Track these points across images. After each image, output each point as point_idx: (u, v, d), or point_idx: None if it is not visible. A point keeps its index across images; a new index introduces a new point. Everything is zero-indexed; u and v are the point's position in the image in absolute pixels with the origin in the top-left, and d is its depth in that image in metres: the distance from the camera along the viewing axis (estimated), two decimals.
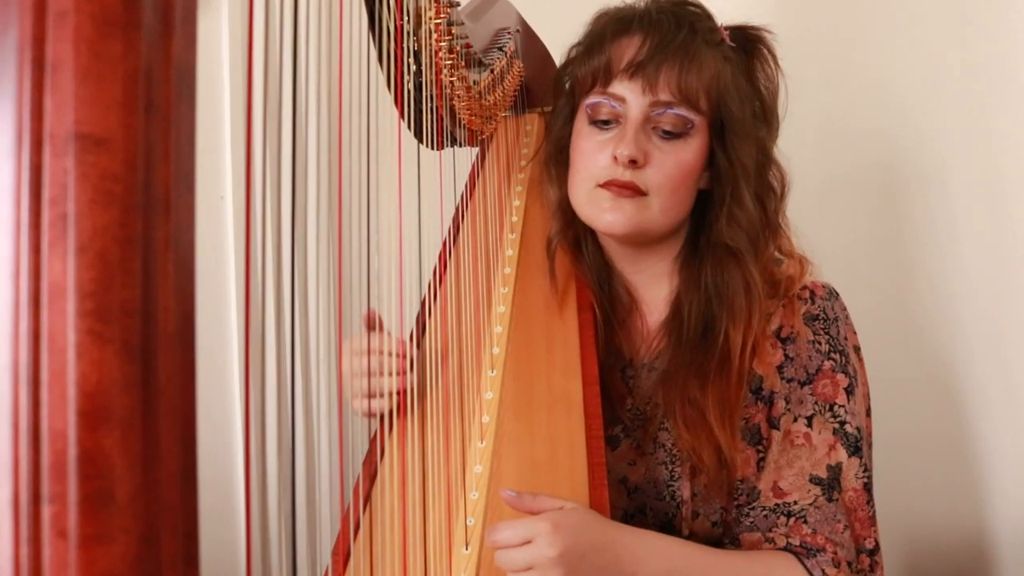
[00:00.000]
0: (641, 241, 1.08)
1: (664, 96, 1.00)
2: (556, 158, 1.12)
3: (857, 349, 1.04)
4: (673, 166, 1.01)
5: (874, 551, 0.99)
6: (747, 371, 1.00)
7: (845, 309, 1.05)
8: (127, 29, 0.39)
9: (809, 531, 0.96)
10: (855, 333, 1.05)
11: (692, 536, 1.01)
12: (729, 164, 1.03)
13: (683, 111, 1.00)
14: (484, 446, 0.97)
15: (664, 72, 1.00)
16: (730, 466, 0.98)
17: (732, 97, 1.02)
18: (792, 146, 1.08)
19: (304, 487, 1.59)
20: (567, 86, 1.12)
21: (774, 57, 1.06)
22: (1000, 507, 1.35)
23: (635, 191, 1.01)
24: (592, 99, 1.04)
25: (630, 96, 1.01)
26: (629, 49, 1.02)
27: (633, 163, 1.00)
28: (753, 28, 1.07)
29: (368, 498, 0.93)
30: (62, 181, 0.38)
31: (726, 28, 1.06)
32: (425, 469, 0.92)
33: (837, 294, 1.05)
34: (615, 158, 1.01)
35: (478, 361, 1.06)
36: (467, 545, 0.89)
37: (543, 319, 1.09)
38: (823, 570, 0.94)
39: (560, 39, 1.14)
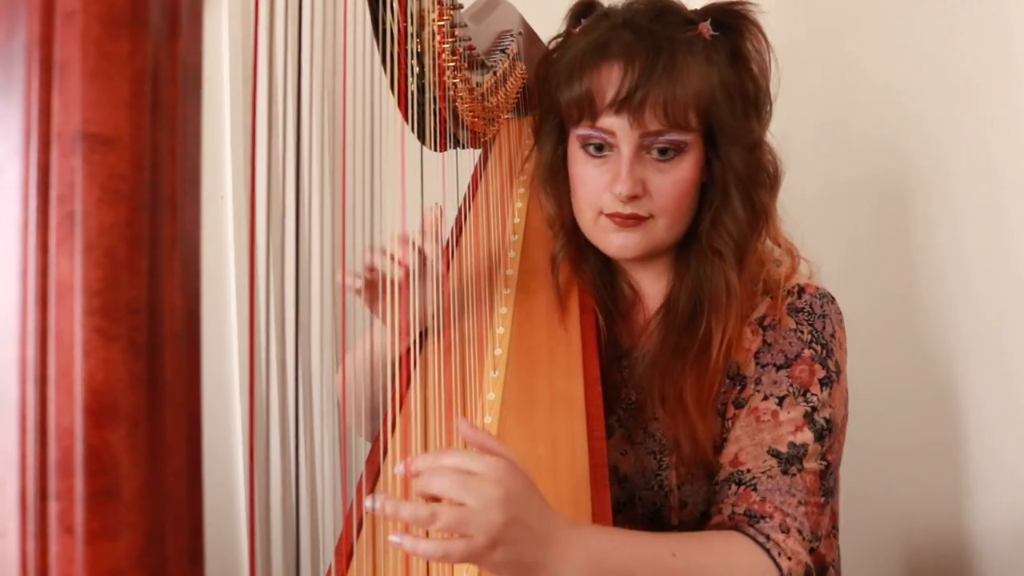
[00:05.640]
0: (651, 256, 1.09)
1: (653, 127, 0.99)
2: (552, 180, 1.12)
3: (845, 353, 1.03)
4: (672, 186, 1.01)
5: (819, 540, 0.94)
6: (725, 362, 1.00)
7: (839, 313, 1.04)
8: (134, 30, 0.39)
9: (758, 499, 0.91)
10: (844, 337, 1.04)
11: (681, 526, 1.01)
12: (721, 170, 1.03)
13: (674, 135, 1.00)
14: None
15: (650, 104, 0.98)
16: (704, 449, 0.98)
17: (720, 103, 1.00)
18: (793, 151, 1.07)
19: (307, 487, 1.60)
20: (551, 108, 1.09)
21: (760, 30, 1.03)
22: (995, 511, 1.35)
23: (639, 219, 1.02)
24: (582, 131, 1.03)
25: (619, 130, 1.00)
26: (610, 81, 0.99)
27: (633, 198, 1.01)
28: (730, 4, 1.03)
29: (372, 494, 0.94)
30: (69, 180, 0.38)
31: (700, 14, 1.03)
32: None
33: (832, 298, 1.04)
34: (614, 194, 1.01)
35: (480, 362, 1.06)
36: None
37: (545, 321, 1.10)
38: (768, 535, 0.88)
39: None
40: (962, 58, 1.39)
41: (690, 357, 1.01)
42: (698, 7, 1.06)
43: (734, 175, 1.02)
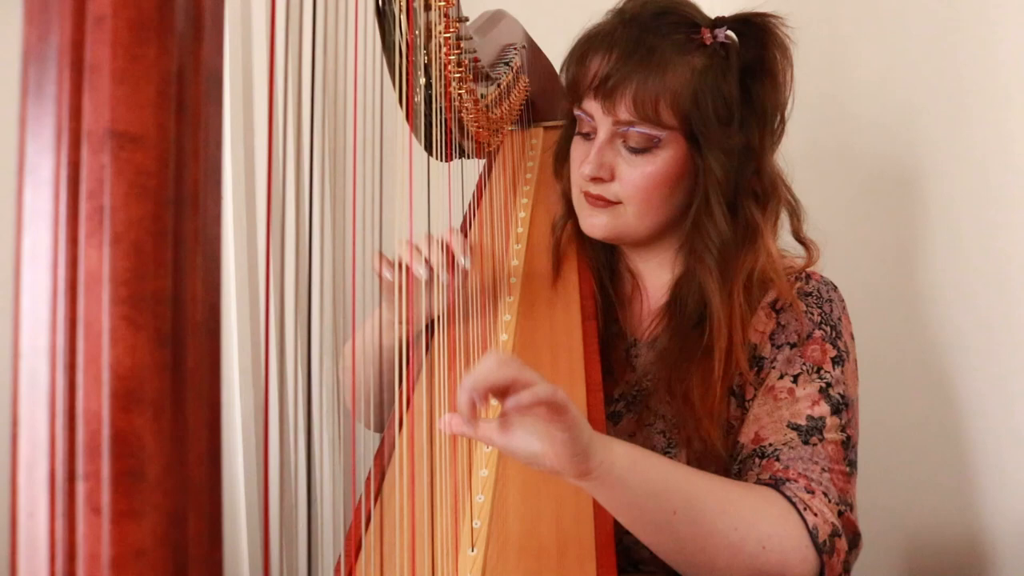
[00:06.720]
0: (627, 243, 1.12)
1: (624, 116, 1.02)
2: (564, 158, 1.16)
3: (852, 336, 1.05)
4: (639, 178, 1.04)
5: (850, 507, 0.95)
6: (728, 373, 1.01)
7: (843, 301, 1.06)
8: (161, 34, 0.41)
9: (781, 467, 0.93)
10: (850, 323, 1.06)
11: None
12: (703, 173, 1.04)
13: (646, 128, 1.02)
14: (490, 451, 0.99)
15: (619, 92, 1.01)
16: (712, 443, 0.99)
17: (705, 107, 1.01)
18: (788, 145, 1.08)
19: (306, 486, 1.60)
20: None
21: (783, 44, 1.03)
22: (997, 505, 1.36)
23: (607, 202, 1.06)
24: (575, 112, 1.09)
25: (596, 114, 1.05)
26: (592, 68, 1.04)
27: (597, 179, 1.05)
28: (758, 16, 1.04)
29: (379, 494, 0.95)
30: (99, 176, 0.40)
31: (725, 21, 1.04)
32: (432, 471, 0.94)
33: (835, 286, 1.07)
34: (580, 174, 1.06)
35: None
36: (473, 547, 0.90)
37: (548, 328, 1.11)
38: (795, 493, 0.90)
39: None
40: (959, 55, 1.40)
41: (695, 359, 1.02)
42: (726, 14, 1.06)
43: (713, 180, 1.03)
